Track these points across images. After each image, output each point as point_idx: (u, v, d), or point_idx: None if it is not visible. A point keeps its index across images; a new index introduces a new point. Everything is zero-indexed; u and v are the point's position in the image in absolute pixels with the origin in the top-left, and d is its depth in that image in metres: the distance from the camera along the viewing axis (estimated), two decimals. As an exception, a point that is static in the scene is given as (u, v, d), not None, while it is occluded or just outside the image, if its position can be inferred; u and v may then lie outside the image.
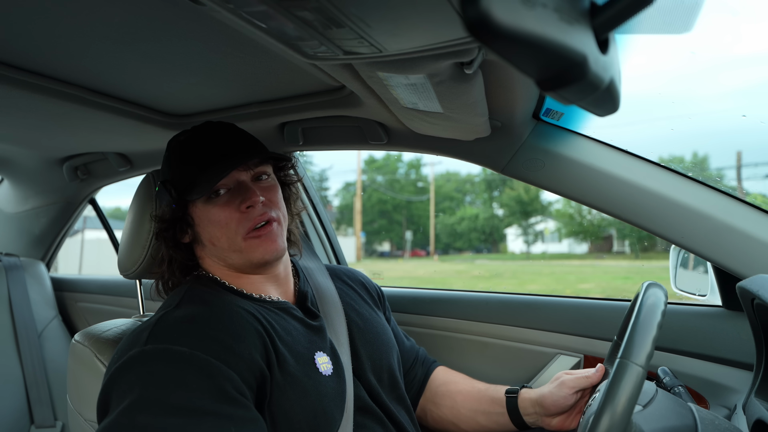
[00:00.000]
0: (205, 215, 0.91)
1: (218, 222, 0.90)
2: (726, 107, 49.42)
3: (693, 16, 0.61)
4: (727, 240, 1.01)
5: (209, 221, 0.91)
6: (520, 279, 16.72)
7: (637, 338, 0.66)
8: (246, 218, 0.90)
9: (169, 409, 0.69)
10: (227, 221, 0.90)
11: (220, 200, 0.91)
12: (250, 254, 0.91)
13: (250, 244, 0.91)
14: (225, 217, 0.90)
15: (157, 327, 0.79)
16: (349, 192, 34.25)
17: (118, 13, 0.75)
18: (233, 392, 0.73)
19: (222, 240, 0.91)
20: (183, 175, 0.92)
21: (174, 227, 0.94)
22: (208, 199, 0.91)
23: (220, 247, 0.92)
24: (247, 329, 0.83)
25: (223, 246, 0.92)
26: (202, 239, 0.94)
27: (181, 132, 0.99)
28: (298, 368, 0.85)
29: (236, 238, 0.90)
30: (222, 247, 0.92)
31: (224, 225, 0.90)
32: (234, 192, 0.92)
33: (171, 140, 0.99)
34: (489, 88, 0.89)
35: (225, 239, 0.91)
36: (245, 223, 0.90)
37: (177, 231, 0.94)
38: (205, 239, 0.93)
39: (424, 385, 1.19)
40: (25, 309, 1.94)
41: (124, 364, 0.74)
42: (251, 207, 0.90)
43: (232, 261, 0.94)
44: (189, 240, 0.96)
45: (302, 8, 0.51)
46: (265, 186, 0.95)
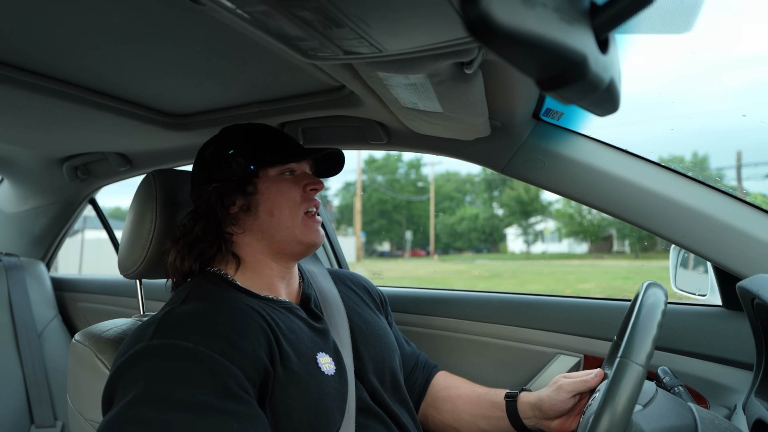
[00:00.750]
0: (275, 185, 0.96)
1: (287, 194, 0.97)
2: (726, 107, 49.44)
3: (693, 16, 0.61)
4: (727, 240, 1.01)
5: (279, 191, 0.96)
6: (520, 279, 16.72)
7: (637, 338, 0.66)
8: (308, 198, 0.99)
9: (173, 404, 0.69)
10: (294, 196, 0.97)
11: (290, 178, 0.99)
12: (304, 233, 0.97)
13: (307, 224, 0.98)
14: (294, 192, 0.97)
15: (163, 322, 0.80)
16: (349, 192, 34.25)
17: (118, 14, 0.75)
18: (236, 389, 0.74)
19: (284, 212, 0.96)
20: (268, 145, 0.97)
21: (234, 192, 0.95)
22: (281, 173, 0.98)
23: (278, 218, 0.96)
24: (252, 326, 0.83)
25: (282, 218, 0.96)
26: (259, 209, 0.96)
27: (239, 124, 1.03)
28: (300, 366, 0.85)
29: (299, 213, 0.97)
30: (280, 219, 0.96)
31: (291, 198, 0.97)
32: (300, 176, 1.00)
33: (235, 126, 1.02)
34: (489, 88, 0.89)
35: (288, 211, 0.96)
36: (308, 203, 0.98)
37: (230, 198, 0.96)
38: (264, 210, 0.96)
39: (425, 390, 1.19)
40: (25, 309, 1.94)
41: (130, 359, 0.75)
42: (314, 190, 0.99)
43: (279, 237, 0.96)
44: (236, 210, 0.97)
45: (302, 8, 0.51)
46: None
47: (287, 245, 0.97)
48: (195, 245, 0.95)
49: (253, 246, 0.97)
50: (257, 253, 0.97)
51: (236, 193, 0.95)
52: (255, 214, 0.96)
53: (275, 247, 0.97)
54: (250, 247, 0.97)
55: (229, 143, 0.98)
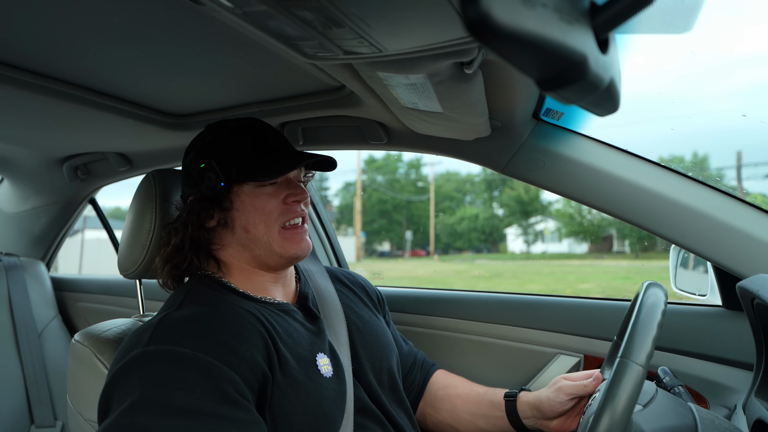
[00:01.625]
0: (250, 200, 0.92)
1: (262, 209, 0.92)
2: (726, 107, 49.44)
3: (693, 16, 0.61)
4: (727, 240, 1.01)
5: (253, 206, 0.92)
6: (520, 279, 16.72)
7: (637, 338, 0.66)
8: (287, 210, 0.93)
9: (170, 411, 0.69)
10: (270, 210, 0.92)
11: (268, 190, 0.93)
12: (283, 248, 0.93)
13: (286, 237, 0.93)
14: (270, 206, 0.92)
15: (159, 327, 0.79)
16: (349, 192, 34.25)
17: (118, 14, 0.75)
18: (234, 394, 0.73)
19: (259, 227, 0.92)
20: (239, 159, 0.92)
21: (210, 207, 0.93)
22: (258, 186, 0.92)
23: (253, 235, 0.92)
24: (250, 330, 0.83)
25: (257, 234, 0.92)
26: (235, 225, 0.93)
27: (226, 120, 0.99)
28: (299, 370, 0.85)
29: (274, 227, 0.92)
30: (256, 235, 0.92)
31: (267, 213, 0.92)
32: (281, 185, 0.94)
33: (216, 125, 0.98)
34: (489, 88, 0.89)
35: (262, 227, 0.92)
36: (286, 215, 0.93)
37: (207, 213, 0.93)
38: (240, 225, 0.93)
39: (423, 389, 1.19)
40: (25, 309, 1.94)
41: (126, 365, 0.74)
42: (296, 202, 0.94)
43: (258, 252, 0.93)
44: (214, 224, 0.94)
45: (302, 8, 0.51)
46: (304, 187, 0.98)
47: (269, 258, 0.94)
48: (169, 259, 0.94)
49: (237, 257, 0.96)
50: (243, 263, 0.96)
51: (213, 207, 0.93)
52: (232, 229, 0.94)
53: (258, 260, 0.95)
54: (235, 258, 0.96)
55: (202, 154, 0.95)
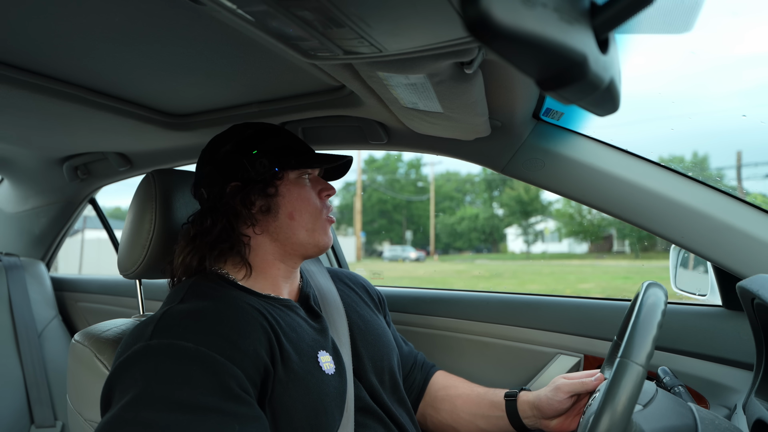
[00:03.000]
0: (296, 189, 0.97)
1: (307, 198, 0.98)
2: (726, 107, 49.43)
3: (693, 16, 0.61)
4: (727, 240, 1.01)
5: (299, 195, 0.97)
6: (521, 279, 16.71)
7: (637, 338, 0.66)
8: (324, 205, 1.01)
9: (173, 406, 0.68)
10: (314, 201, 0.99)
11: (308, 182, 1.00)
12: (320, 237, 0.99)
13: (325, 228, 1.00)
14: (312, 198, 0.99)
15: (162, 321, 0.79)
16: (349, 192, 34.25)
17: (118, 13, 0.75)
18: (237, 390, 0.73)
19: (304, 216, 0.97)
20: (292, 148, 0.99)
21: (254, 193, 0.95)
22: (302, 176, 0.99)
23: (298, 221, 0.96)
24: (253, 324, 0.83)
25: (302, 221, 0.96)
26: (280, 211, 0.96)
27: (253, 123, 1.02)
28: (301, 365, 0.85)
29: (320, 217, 0.99)
30: (300, 221, 0.96)
31: (312, 204, 0.99)
32: (314, 181, 1.01)
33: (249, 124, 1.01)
34: (489, 87, 0.89)
35: (308, 215, 0.97)
36: (326, 209, 1.01)
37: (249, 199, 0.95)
38: (285, 212, 0.96)
39: (424, 389, 1.19)
40: (25, 309, 1.94)
41: (128, 359, 0.74)
42: (328, 196, 1.02)
43: (295, 239, 0.97)
44: (256, 210, 0.95)
45: (302, 8, 0.51)
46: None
47: (301, 247, 0.97)
48: (215, 245, 0.94)
49: (265, 247, 0.97)
50: (268, 254, 0.97)
51: (257, 193, 0.94)
52: (275, 215, 0.96)
53: (288, 248, 0.97)
54: (262, 248, 0.97)
55: (250, 143, 0.97)
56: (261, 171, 0.94)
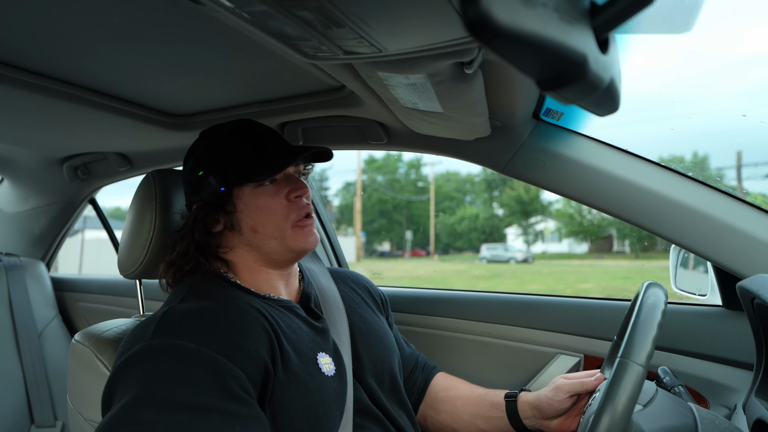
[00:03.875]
0: (253, 201, 0.92)
1: (268, 209, 0.92)
2: (726, 107, 49.44)
3: (693, 16, 0.61)
4: (727, 240, 1.01)
5: (257, 207, 0.92)
6: (521, 279, 16.71)
7: (637, 338, 0.66)
8: (294, 207, 0.93)
9: (174, 406, 0.68)
10: (277, 208, 0.92)
11: (269, 189, 0.93)
12: (293, 242, 0.93)
13: (297, 233, 0.93)
14: (275, 205, 0.92)
15: (163, 321, 0.79)
16: (349, 192, 34.26)
17: (118, 13, 0.75)
18: (238, 390, 0.73)
19: (268, 227, 0.92)
20: (235, 161, 0.92)
21: (215, 212, 0.93)
22: (258, 186, 0.93)
23: (262, 234, 0.92)
24: (254, 325, 0.83)
25: (267, 233, 0.92)
26: (242, 226, 0.93)
27: (221, 124, 0.99)
28: (301, 367, 0.85)
29: (285, 225, 0.93)
30: (265, 234, 0.92)
31: (274, 212, 0.92)
32: (281, 182, 0.94)
33: (211, 130, 0.98)
34: (489, 87, 0.89)
35: (272, 225, 0.92)
36: (295, 212, 0.93)
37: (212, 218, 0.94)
38: (247, 226, 0.93)
39: (424, 391, 1.19)
40: (25, 309, 1.94)
41: (130, 358, 0.74)
42: (299, 197, 0.94)
43: (268, 249, 0.94)
44: (221, 228, 0.95)
45: (302, 8, 0.51)
46: (304, 181, 0.98)
47: (277, 255, 0.95)
48: (173, 263, 0.95)
49: (245, 256, 0.96)
50: (250, 262, 0.96)
51: (218, 212, 0.93)
52: (239, 231, 0.94)
53: (266, 257, 0.95)
54: (242, 257, 0.96)
55: (199, 161, 0.95)
56: (210, 191, 0.92)
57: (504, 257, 23.00)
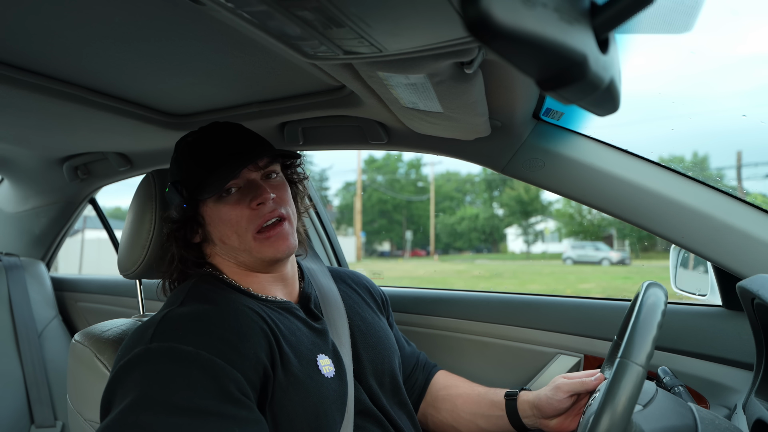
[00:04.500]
0: (216, 214, 0.92)
1: (229, 220, 0.91)
2: (726, 107, 49.43)
3: (693, 16, 0.61)
4: (727, 240, 1.01)
5: (220, 220, 0.92)
6: (521, 279, 16.71)
7: (637, 338, 0.66)
8: (256, 215, 0.90)
9: (173, 409, 0.68)
10: (238, 219, 0.90)
11: (231, 199, 0.91)
12: (261, 253, 0.91)
13: (261, 243, 0.91)
14: (236, 215, 0.90)
15: (162, 324, 0.79)
16: (349, 192, 34.25)
17: (118, 13, 0.75)
18: (237, 393, 0.73)
19: (232, 238, 0.92)
20: (193, 175, 0.92)
21: (185, 227, 0.94)
22: (219, 198, 0.91)
23: (230, 245, 0.93)
24: (253, 328, 0.83)
25: (233, 244, 0.92)
26: (212, 238, 0.94)
27: (189, 133, 0.99)
28: (301, 369, 0.85)
29: (246, 236, 0.91)
30: (232, 245, 0.92)
31: (235, 223, 0.90)
32: (244, 190, 0.92)
33: (179, 141, 0.99)
34: (489, 87, 0.89)
35: (235, 237, 0.91)
36: (255, 221, 0.90)
37: (188, 231, 0.95)
38: (216, 238, 0.94)
39: (425, 390, 1.19)
40: (25, 309, 1.94)
41: (129, 362, 0.74)
42: (262, 204, 0.91)
43: (242, 259, 0.94)
44: (199, 240, 0.96)
45: (302, 8, 0.51)
46: (274, 184, 0.95)
47: (253, 263, 0.94)
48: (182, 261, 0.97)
49: (230, 263, 0.97)
50: (234, 267, 0.97)
51: (193, 225, 0.95)
52: (212, 243, 0.96)
53: (245, 265, 0.95)
54: (226, 264, 0.97)
55: (172, 166, 0.98)
56: (176, 208, 0.94)
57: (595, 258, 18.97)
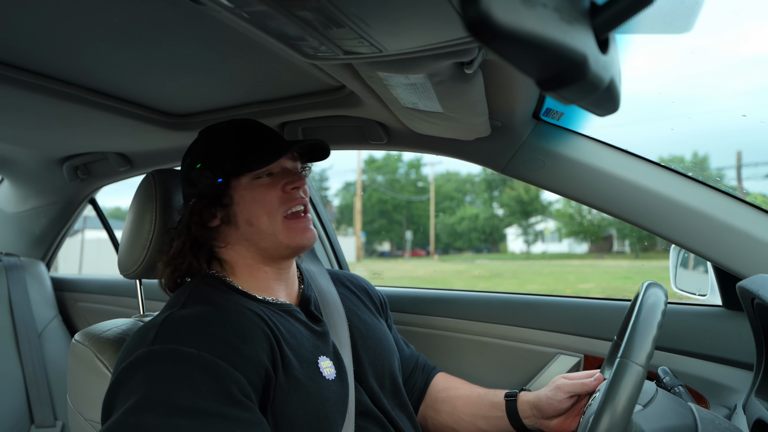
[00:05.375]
0: (249, 193, 0.93)
1: (262, 200, 0.92)
2: (726, 107, 49.40)
3: (693, 16, 0.61)
4: (727, 240, 1.01)
5: (252, 199, 0.93)
6: (521, 279, 16.71)
7: (637, 338, 0.66)
8: (288, 198, 0.94)
9: (175, 411, 0.68)
10: (271, 200, 0.93)
11: (265, 181, 0.94)
12: (288, 238, 0.93)
13: (290, 226, 0.93)
14: (269, 196, 0.93)
15: (164, 326, 0.79)
16: (349, 192, 34.25)
17: (118, 13, 0.75)
18: (239, 395, 0.73)
19: (262, 219, 0.92)
20: (233, 153, 0.93)
21: (205, 209, 0.93)
22: (255, 178, 0.93)
23: (257, 227, 0.93)
24: (254, 330, 0.83)
25: (261, 226, 0.92)
26: (238, 219, 0.93)
27: (220, 122, 0.99)
28: (302, 372, 0.85)
29: (276, 217, 0.92)
30: (260, 227, 0.93)
31: (268, 203, 0.92)
32: (278, 176, 0.95)
33: (209, 128, 0.99)
34: (489, 88, 0.89)
35: (265, 218, 0.92)
36: (287, 203, 0.93)
37: (208, 213, 0.94)
38: (243, 219, 0.93)
39: (425, 392, 1.19)
40: (25, 309, 1.94)
41: (131, 364, 0.74)
42: (295, 189, 0.94)
43: (264, 245, 0.94)
44: (217, 223, 0.95)
45: (302, 8, 0.51)
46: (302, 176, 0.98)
47: (274, 250, 0.95)
48: (170, 262, 0.95)
49: (242, 253, 0.96)
50: (247, 259, 0.96)
51: (214, 206, 0.93)
52: (236, 225, 0.94)
53: (263, 253, 0.95)
54: (239, 254, 0.96)
55: (198, 155, 0.96)
56: (207, 183, 0.93)
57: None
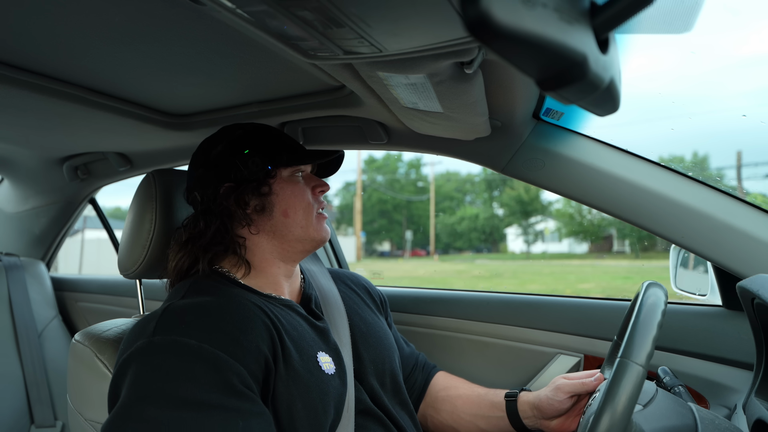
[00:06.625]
0: (290, 187, 0.98)
1: (300, 195, 0.99)
2: (726, 107, 49.38)
3: (693, 16, 0.61)
4: (727, 240, 1.01)
5: (292, 192, 0.98)
6: (521, 279, 16.71)
7: (637, 338, 0.66)
8: (317, 200, 1.02)
9: (177, 403, 0.69)
10: (307, 197, 1.00)
11: (300, 179, 1.01)
12: (316, 231, 0.99)
13: (320, 221, 1.01)
14: (306, 194, 1.00)
15: (164, 317, 0.79)
16: (349, 192, 34.25)
17: (118, 13, 0.75)
18: (240, 386, 0.74)
19: (299, 212, 0.98)
20: (285, 145, 1.00)
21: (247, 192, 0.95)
22: (293, 175, 1.00)
23: (292, 218, 0.97)
24: (254, 320, 0.83)
25: (296, 218, 0.97)
26: (274, 209, 0.96)
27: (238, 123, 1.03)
28: (301, 364, 0.85)
29: (312, 213, 1.00)
30: (294, 219, 0.97)
31: (305, 200, 0.99)
32: (307, 178, 1.03)
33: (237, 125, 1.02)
34: (489, 87, 0.89)
35: (301, 212, 0.98)
36: (317, 204, 1.02)
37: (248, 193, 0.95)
38: (279, 210, 0.96)
39: (425, 390, 1.19)
40: (25, 309, 1.94)
41: (131, 356, 0.74)
42: (322, 192, 1.04)
43: (292, 237, 0.97)
44: (251, 210, 0.96)
45: (302, 8, 0.51)
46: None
47: (299, 243, 0.98)
48: (209, 248, 0.94)
49: (263, 246, 0.97)
50: (266, 253, 0.97)
51: (251, 193, 0.95)
52: (270, 214, 0.96)
53: (287, 245, 0.98)
54: (260, 247, 0.97)
55: (241, 143, 0.97)
56: (254, 170, 0.95)
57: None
